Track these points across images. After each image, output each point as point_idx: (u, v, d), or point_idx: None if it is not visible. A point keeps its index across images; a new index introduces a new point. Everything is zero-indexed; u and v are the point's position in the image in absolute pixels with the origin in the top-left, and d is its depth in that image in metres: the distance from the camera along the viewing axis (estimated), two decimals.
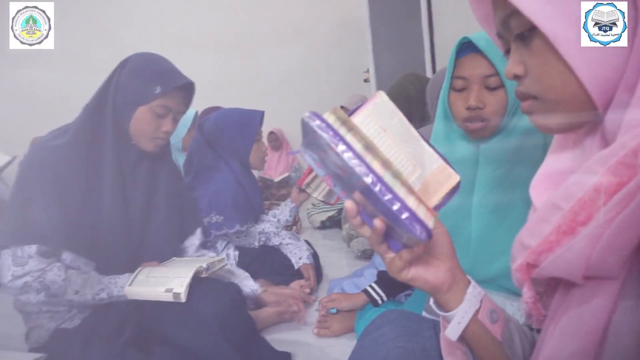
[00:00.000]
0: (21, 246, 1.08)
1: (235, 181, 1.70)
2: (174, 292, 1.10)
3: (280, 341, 1.35)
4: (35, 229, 1.08)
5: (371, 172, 0.44)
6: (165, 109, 1.23)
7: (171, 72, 1.24)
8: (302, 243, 1.86)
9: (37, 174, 1.10)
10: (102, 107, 1.21)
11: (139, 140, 1.24)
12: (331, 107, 0.49)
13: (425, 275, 0.53)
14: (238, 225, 1.65)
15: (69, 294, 1.11)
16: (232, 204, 1.64)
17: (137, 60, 1.24)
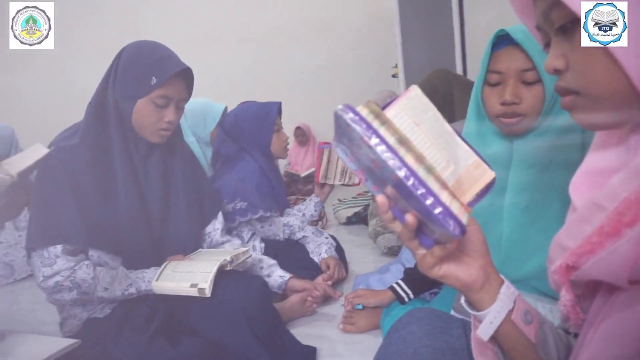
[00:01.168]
0: (47, 247, 1.10)
1: (259, 170, 1.74)
2: (199, 287, 1.12)
3: (305, 335, 1.35)
4: (57, 229, 1.10)
5: (404, 166, 0.43)
6: (165, 99, 1.19)
7: (166, 60, 1.19)
8: (322, 239, 1.85)
9: (52, 176, 1.11)
10: (103, 103, 1.19)
11: (144, 132, 1.21)
12: (359, 103, 0.48)
13: (457, 273, 0.52)
14: (262, 211, 1.66)
15: (99, 291, 1.13)
16: (256, 191, 1.66)
17: (131, 51, 1.20)
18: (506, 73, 0.90)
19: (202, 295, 1.11)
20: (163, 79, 1.16)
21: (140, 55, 1.18)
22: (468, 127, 1.02)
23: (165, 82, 1.16)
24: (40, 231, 1.10)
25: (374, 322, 1.35)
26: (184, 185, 1.33)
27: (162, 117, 1.20)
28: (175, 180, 1.31)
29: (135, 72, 1.16)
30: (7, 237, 2.14)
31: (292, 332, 1.34)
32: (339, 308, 1.53)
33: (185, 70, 1.21)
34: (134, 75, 1.16)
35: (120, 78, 1.18)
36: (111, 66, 1.21)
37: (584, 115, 0.45)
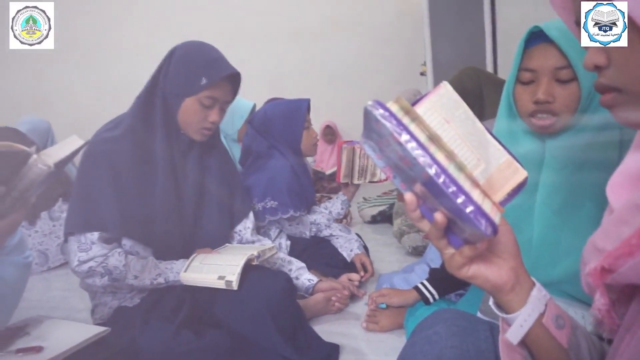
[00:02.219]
0: (84, 233, 1.14)
1: (290, 169, 1.73)
2: (226, 279, 1.13)
3: (328, 332, 1.35)
4: (96, 217, 1.14)
5: (435, 163, 0.42)
6: (212, 100, 1.22)
7: (217, 62, 1.23)
8: (352, 236, 1.86)
9: (95, 165, 1.15)
10: (152, 97, 1.23)
11: (187, 130, 1.25)
12: (386, 101, 0.48)
13: (487, 274, 0.51)
14: (292, 211, 1.67)
15: (129, 278, 1.16)
16: (286, 190, 1.66)
17: (184, 51, 1.24)
18: (539, 71, 0.87)
19: (229, 288, 1.13)
20: (213, 80, 1.19)
21: (193, 55, 1.22)
22: (499, 126, 1.00)
23: (215, 83, 1.20)
24: (80, 217, 1.15)
25: (397, 322, 1.34)
26: (218, 183, 1.36)
27: (206, 116, 1.24)
28: (210, 178, 1.34)
29: (186, 71, 1.20)
30: (42, 227, 2.22)
31: (315, 328, 1.35)
32: (362, 307, 1.53)
33: (234, 75, 1.25)
34: (184, 74, 1.20)
35: (171, 75, 1.21)
36: (162, 63, 1.25)
37: (625, 113, 0.44)
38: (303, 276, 1.49)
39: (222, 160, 1.40)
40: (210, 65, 1.21)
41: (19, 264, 0.86)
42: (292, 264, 1.51)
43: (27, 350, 0.81)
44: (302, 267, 1.52)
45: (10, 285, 0.83)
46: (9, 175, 0.63)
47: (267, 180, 1.67)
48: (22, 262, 0.87)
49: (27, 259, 0.89)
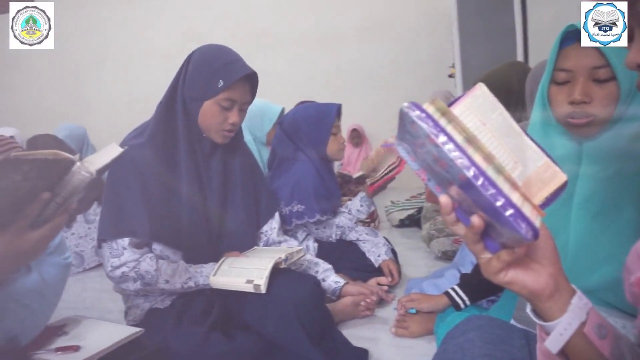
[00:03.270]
0: (115, 239, 1.17)
1: (316, 172, 1.73)
2: (255, 283, 1.14)
3: (356, 337, 1.34)
4: (125, 223, 1.17)
5: (473, 165, 0.41)
6: (230, 102, 1.23)
7: (233, 64, 1.23)
8: (379, 239, 1.84)
9: (122, 172, 1.18)
10: (172, 103, 1.25)
11: (208, 133, 1.27)
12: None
13: (525, 280, 0.49)
14: (318, 215, 1.67)
15: (161, 283, 1.19)
16: (313, 194, 1.66)
17: (200, 55, 1.25)
18: (575, 71, 0.85)
19: (257, 292, 1.14)
20: (229, 82, 1.20)
21: (209, 58, 1.24)
22: (533, 128, 0.97)
23: (231, 85, 1.21)
24: (111, 224, 1.18)
25: (427, 328, 1.32)
26: (242, 185, 1.36)
27: (226, 118, 1.25)
28: (234, 180, 1.35)
29: (203, 74, 1.22)
30: (78, 229, 2.29)
31: (343, 333, 1.34)
32: (391, 311, 1.51)
33: (250, 74, 1.25)
34: (202, 77, 1.22)
35: (189, 80, 1.23)
36: (181, 68, 1.27)
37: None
38: (330, 278, 1.48)
39: (245, 162, 1.41)
40: (226, 67, 1.22)
41: (59, 264, 0.89)
42: (318, 266, 1.51)
43: (65, 349, 0.84)
44: (329, 269, 1.51)
45: (51, 285, 0.86)
46: (54, 182, 0.65)
47: (293, 183, 1.68)
48: (62, 263, 0.90)
49: (67, 260, 0.92)
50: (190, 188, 1.24)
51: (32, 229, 0.68)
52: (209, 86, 1.21)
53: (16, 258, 0.69)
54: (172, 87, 1.27)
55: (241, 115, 1.28)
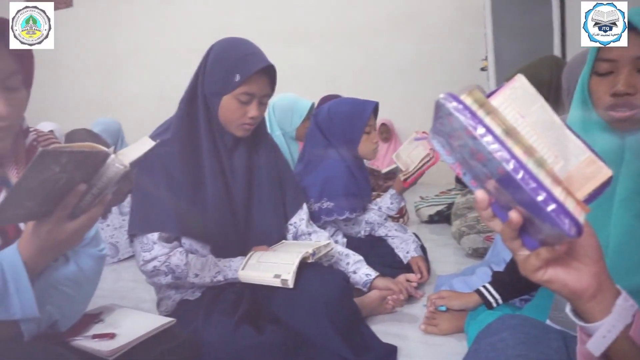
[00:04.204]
0: (145, 234, 1.19)
1: (347, 169, 1.71)
2: (282, 278, 1.15)
3: (384, 333, 1.33)
4: (154, 217, 1.19)
5: (513, 158, 0.40)
6: (248, 96, 1.22)
7: (250, 58, 1.22)
8: (409, 235, 1.81)
9: (150, 168, 1.20)
10: (194, 99, 1.26)
11: (229, 127, 1.26)
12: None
13: (565, 279, 0.47)
14: (348, 213, 1.66)
15: (191, 277, 1.21)
16: (343, 191, 1.65)
17: (218, 49, 1.25)
18: (619, 61, 0.80)
19: (284, 286, 1.14)
20: (246, 76, 1.19)
21: (226, 52, 1.23)
22: (572, 123, 0.93)
23: (248, 79, 1.20)
24: (140, 219, 1.21)
25: (457, 326, 1.30)
26: (267, 177, 1.37)
27: (245, 112, 1.24)
28: (259, 173, 1.36)
29: (221, 69, 1.22)
30: (113, 221, 2.36)
31: (372, 328, 1.33)
32: (420, 308, 1.49)
33: (268, 67, 1.24)
34: (219, 72, 1.22)
35: (208, 75, 1.24)
36: (201, 63, 1.28)
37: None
38: (361, 270, 1.47)
39: (270, 155, 1.40)
40: (243, 61, 1.21)
41: (94, 255, 0.92)
42: (349, 257, 1.49)
43: (102, 336, 0.86)
44: (360, 261, 1.49)
45: (87, 275, 0.89)
46: (90, 174, 0.67)
47: (323, 180, 1.66)
48: (97, 254, 0.93)
49: (102, 252, 0.95)
50: (214, 183, 1.25)
51: (70, 219, 0.70)
52: (226, 81, 1.21)
53: (55, 247, 0.71)
54: (193, 83, 1.27)
55: (261, 109, 1.27)
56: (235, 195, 1.30)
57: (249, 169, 1.33)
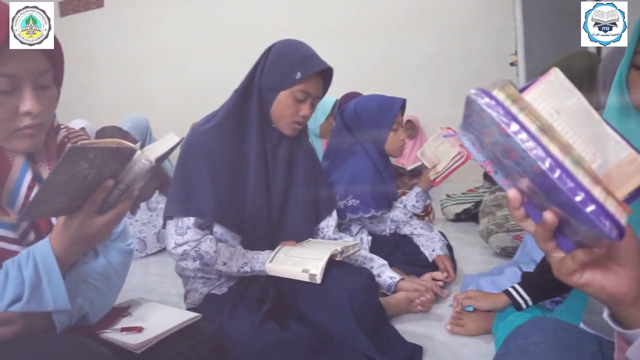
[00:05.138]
0: (181, 218, 1.21)
1: (373, 166, 1.69)
2: (310, 273, 1.14)
3: (409, 333, 1.31)
4: (192, 203, 1.21)
5: (549, 157, 0.38)
6: (304, 94, 1.27)
7: (311, 58, 1.27)
8: (434, 234, 1.79)
9: (193, 155, 1.23)
10: (249, 91, 1.29)
11: (279, 123, 1.30)
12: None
13: (604, 282, 0.45)
14: (373, 210, 1.65)
15: (219, 264, 1.22)
16: (368, 189, 1.64)
17: (281, 47, 1.29)
18: None
19: (312, 281, 1.14)
20: (306, 74, 1.24)
21: (289, 51, 1.28)
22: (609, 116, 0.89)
23: (308, 78, 1.25)
24: (178, 203, 1.22)
25: (484, 327, 1.27)
26: (304, 179, 1.38)
27: (298, 110, 1.28)
28: (297, 173, 1.38)
29: (282, 65, 1.25)
30: (141, 216, 2.41)
31: (397, 328, 1.32)
32: (446, 308, 1.47)
33: (326, 70, 1.29)
34: (280, 68, 1.25)
35: (268, 70, 1.27)
36: (260, 59, 1.31)
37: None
38: (385, 274, 1.46)
39: (308, 157, 1.43)
40: (305, 60, 1.26)
41: (122, 250, 0.94)
42: (373, 261, 1.49)
43: (130, 329, 0.88)
44: (384, 265, 1.49)
45: (116, 269, 0.90)
46: (117, 169, 0.68)
47: (349, 177, 1.65)
48: (125, 249, 0.94)
49: (130, 246, 0.96)
50: (257, 175, 1.27)
51: (99, 214, 0.71)
52: (286, 77, 1.25)
53: (85, 241, 0.73)
54: (250, 76, 1.31)
55: (311, 110, 1.32)
56: (273, 191, 1.32)
57: (289, 167, 1.36)
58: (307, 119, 1.33)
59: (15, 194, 0.78)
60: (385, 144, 1.71)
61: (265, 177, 1.30)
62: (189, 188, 1.22)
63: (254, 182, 1.27)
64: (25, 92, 0.74)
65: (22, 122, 0.75)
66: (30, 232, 0.79)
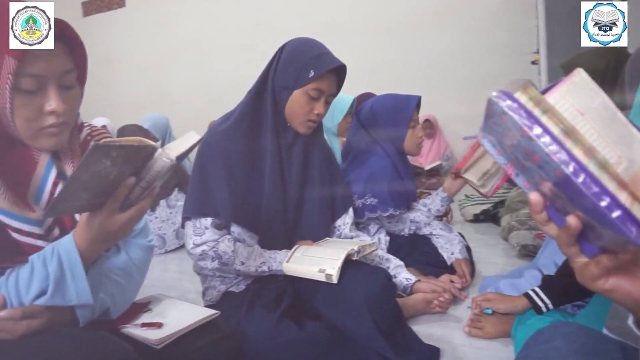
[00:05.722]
0: (199, 218, 1.23)
1: (391, 165, 1.69)
2: (327, 273, 1.14)
3: (426, 334, 1.31)
4: (209, 203, 1.22)
5: (573, 161, 0.37)
6: (318, 92, 1.26)
7: (324, 56, 1.27)
8: (454, 235, 1.77)
9: (210, 155, 1.24)
10: (262, 90, 1.30)
11: (293, 122, 1.30)
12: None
13: (629, 288, 0.44)
14: (392, 209, 1.64)
15: (237, 264, 1.23)
16: (387, 188, 1.63)
17: (293, 45, 1.29)
18: None
19: (328, 281, 1.14)
20: (320, 72, 1.24)
21: (301, 49, 1.28)
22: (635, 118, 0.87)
23: (321, 76, 1.24)
24: (195, 203, 1.24)
25: (503, 329, 1.25)
26: (319, 177, 1.38)
27: (312, 109, 1.28)
28: (312, 172, 1.38)
29: (295, 64, 1.25)
30: (161, 214, 2.45)
31: (414, 329, 1.31)
32: (464, 310, 1.46)
33: (339, 67, 1.28)
34: (293, 67, 1.25)
35: (281, 69, 1.27)
36: (273, 58, 1.31)
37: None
38: (401, 275, 1.46)
39: (324, 155, 1.43)
40: (318, 58, 1.25)
41: (143, 246, 0.95)
42: (390, 262, 1.49)
43: (150, 325, 0.89)
44: (400, 266, 1.48)
45: (137, 265, 0.92)
46: (139, 167, 0.69)
47: (367, 176, 1.65)
48: (146, 245, 0.96)
49: (150, 242, 0.98)
50: (272, 175, 1.28)
51: (121, 211, 0.72)
52: (300, 75, 1.25)
53: (107, 237, 0.74)
54: (263, 76, 1.31)
55: (326, 107, 1.31)
56: (289, 190, 1.32)
57: (304, 166, 1.36)
58: (321, 117, 1.32)
59: (40, 191, 0.80)
60: (403, 143, 1.70)
61: (281, 176, 1.31)
62: (206, 189, 1.24)
63: (270, 182, 1.27)
64: (50, 92, 0.75)
65: (47, 120, 0.76)
66: (55, 228, 0.81)
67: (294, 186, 1.33)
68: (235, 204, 1.22)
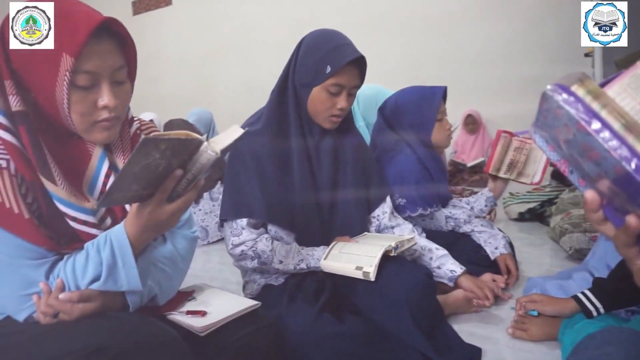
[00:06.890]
0: (235, 219, 1.25)
1: (419, 163, 1.64)
2: (364, 270, 1.14)
3: (467, 333, 1.28)
4: (243, 204, 1.24)
5: (635, 157, 0.35)
6: (338, 87, 1.24)
7: (340, 49, 1.22)
8: (497, 232, 1.71)
9: (241, 158, 1.25)
10: (284, 90, 1.29)
11: (317, 118, 1.29)
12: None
13: None
14: (421, 209, 1.60)
15: (275, 263, 1.25)
16: (415, 188, 1.59)
17: (309, 41, 1.27)
18: None
19: (366, 279, 1.14)
20: (337, 67, 1.21)
21: (317, 44, 1.25)
22: None
23: (339, 70, 1.21)
24: (231, 205, 1.27)
25: (549, 332, 1.21)
26: (352, 169, 1.37)
27: (334, 104, 1.26)
28: (344, 165, 1.37)
29: (312, 61, 1.24)
30: (204, 206, 2.52)
31: (454, 328, 1.29)
32: (508, 310, 1.41)
33: (358, 58, 1.24)
34: (310, 64, 1.24)
35: (299, 67, 1.26)
36: (292, 55, 1.30)
37: None
38: (445, 265, 1.42)
39: (355, 147, 1.41)
40: (333, 52, 1.22)
41: (188, 237, 0.98)
42: (432, 252, 1.44)
43: (194, 313, 0.92)
44: (444, 255, 1.44)
45: (182, 254, 0.95)
46: (185, 160, 0.72)
47: (394, 176, 1.61)
48: (190, 236, 0.99)
49: (194, 233, 1.01)
50: (302, 172, 1.28)
51: (168, 202, 0.75)
52: (317, 72, 1.23)
53: (155, 227, 0.77)
54: (284, 74, 1.31)
55: (350, 100, 1.29)
56: (321, 185, 1.32)
57: (335, 160, 1.35)
58: (345, 111, 1.29)
59: (94, 182, 0.84)
60: (431, 136, 1.65)
61: (310, 173, 1.30)
62: (239, 190, 1.26)
63: (300, 179, 1.28)
64: (103, 88, 0.79)
65: (100, 115, 0.80)
66: (107, 217, 0.85)
67: (325, 181, 1.32)
68: (268, 204, 1.23)
